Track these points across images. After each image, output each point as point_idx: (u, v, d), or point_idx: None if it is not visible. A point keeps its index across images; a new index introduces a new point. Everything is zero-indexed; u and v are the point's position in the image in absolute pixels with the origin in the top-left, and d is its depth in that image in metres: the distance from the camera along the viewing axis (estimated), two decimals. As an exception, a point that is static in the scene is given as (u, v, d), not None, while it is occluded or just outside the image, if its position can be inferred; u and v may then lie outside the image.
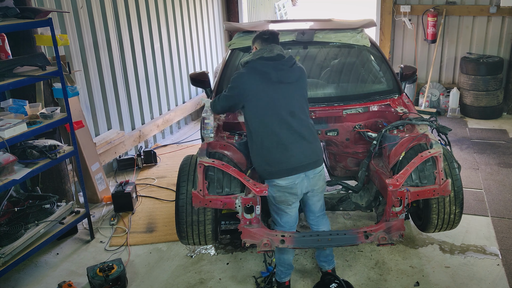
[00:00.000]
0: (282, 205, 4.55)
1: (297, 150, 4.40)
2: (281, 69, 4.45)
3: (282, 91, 4.45)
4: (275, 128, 4.40)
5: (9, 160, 4.79)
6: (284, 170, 4.39)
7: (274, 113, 4.41)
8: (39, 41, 5.54)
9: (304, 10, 25.93)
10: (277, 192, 4.48)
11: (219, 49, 11.81)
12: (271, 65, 4.45)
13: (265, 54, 4.50)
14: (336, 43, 5.97)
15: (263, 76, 4.43)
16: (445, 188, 4.62)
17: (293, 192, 4.46)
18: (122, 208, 6.57)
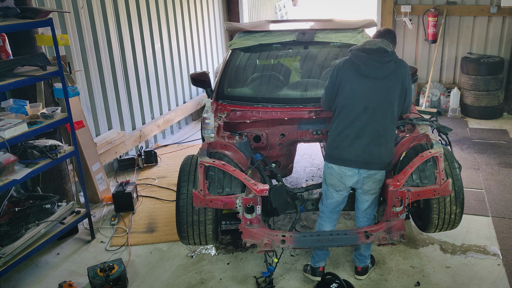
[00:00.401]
0: (330, 187, 4.71)
1: (355, 145, 4.49)
2: (371, 64, 4.46)
3: (364, 85, 4.47)
4: (346, 118, 4.51)
5: (10, 160, 4.80)
6: (337, 158, 4.55)
7: (350, 104, 4.50)
8: (39, 41, 5.54)
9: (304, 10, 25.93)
10: (329, 174, 4.65)
11: (219, 49, 11.82)
12: (363, 58, 4.48)
13: (366, 46, 4.55)
14: (337, 43, 5.97)
15: (354, 67, 4.50)
16: (446, 188, 4.62)
17: (342, 181, 4.60)
18: (123, 208, 6.57)
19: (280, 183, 5.16)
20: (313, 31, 5.96)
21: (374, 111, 4.46)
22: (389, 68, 4.47)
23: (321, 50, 6.14)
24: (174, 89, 9.77)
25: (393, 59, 4.51)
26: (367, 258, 5.06)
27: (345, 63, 4.57)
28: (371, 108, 4.45)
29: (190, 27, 10.27)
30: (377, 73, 4.44)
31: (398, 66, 4.52)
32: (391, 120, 4.54)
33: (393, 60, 4.51)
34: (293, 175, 7.35)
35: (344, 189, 4.67)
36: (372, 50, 4.50)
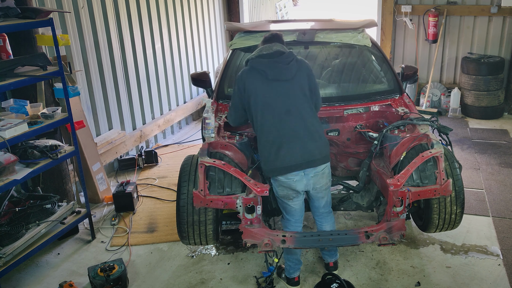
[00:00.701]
0: (284, 199, 4.64)
1: (291, 149, 4.41)
2: (276, 66, 4.45)
3: (278, 89, 4.45)
4: (270, 127, 4.45)
5: (10, 160, 4.80)
6: (279, 168, 4.44)
7: (270, 111, 4.44)
8: (40, 41, 5.55)
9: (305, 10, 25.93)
10: (279, 186, 4.57)
11: (220, 49, 11.82)
12: (267, 63, 4.47)
13: (263, 51, 4.53)
14: (337, 43, 5.97)
15: (260, 74, 4.47)
16: (446, 188, 4.61)
17: (293, 188, 4.52)
18: (123, 208, 6.57)
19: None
20: (313, 31, 5.96)
21: (297, 111, 4.45)
22: (294, 67, 4.51)
23: (322, 50, 6.14)
24: (174, 89, 9.77)
25: (293, 58, 4.53)
26: (337, 252, 5.10)
27: (249, 74, 4.54)
28: (293, 109, 4.44)
29: (190, 27, 10.27)
30: (285, 75, 4.46)
31: (300, 64, 4.57)
32: (313, 115, 4.57)
33: (294, 59, 4.53)
34: (293, 175, 7.35)
35: (297, 195, 4.61)
36: (271, 54, 4.50)
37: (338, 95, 5.81)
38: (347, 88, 5.92)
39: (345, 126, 5.63)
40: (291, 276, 4.97)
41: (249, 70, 4.54)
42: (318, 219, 4.95)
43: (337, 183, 5.68)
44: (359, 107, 5.67)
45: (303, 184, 4.51)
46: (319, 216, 4.92)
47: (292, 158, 4.40)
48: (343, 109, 5.61)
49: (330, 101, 5.65)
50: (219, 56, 11.75)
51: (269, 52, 4.51)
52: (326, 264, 5.15)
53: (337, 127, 5.63)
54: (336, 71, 6.04)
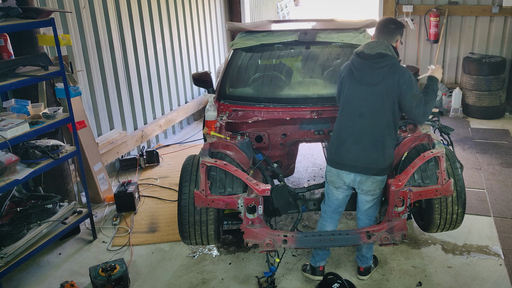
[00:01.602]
0: (331, 185, 4.75)
1: (349, 150, 4.52)
2: (364, 70, 4.45)
3: (360, 91, 4.49)
4: (341, 123, 4.61)
5: (12, 160, 4.80)
6: (334, 161, 4.63)
7: (347, 109, 4.56)
8: (41, 41, 5.55)
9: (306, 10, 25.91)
10: (328, 171, 4.72)
11: (221, 49, 11.82)
12: (358, 64, 4.49)
13: (365, 50, 4.50)
14: (339, 43, 5.97)
15: (351, 73, 4.54)
16: (448, 188, 4.61)
17: (340, 177, 4.63)
18: (125, 208, 6.57)
19: (282, 183, 5.16)
20: (315, 31, 5.96)
21: (369, 117, 4.45)
22: (381, 74, 4.38)
23: (323, 50, 6.14)
24: (176, 89, 9.77)
25: (387, 65, 4.37)
26: (369, 259, 5.07)
27: (345, 68, 4.66)
28: (366, 114, 4.46)
29: (191, 27, 10.27)
30: (368, 79, 4.43)
31: (392, 72, 4.36)
32: (387, 126, 4.47)
33: (388, 65, 4.37)
34: (295, 175, 7.35)
35: (343, 186, 4.67)
36: (369, 56, 4.43)
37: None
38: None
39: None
40: (317, 265, 5.02)
41: (347, 65, 4.65)
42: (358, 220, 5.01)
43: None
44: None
45: (351, 180, 4.60)
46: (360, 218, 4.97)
47: (347, 158, 4.53)
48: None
49: (331, 101, 5.65)
50: (221, 56, 11.75)
51: (369, 53, 4.45)
52: (358, 268, 5.17)
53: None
54: (337, 71, 6.04)
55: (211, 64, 11.27)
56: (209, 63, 11.20)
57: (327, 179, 4.78)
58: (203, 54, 10.84)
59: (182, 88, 10.04)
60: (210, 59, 11.25)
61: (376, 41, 4.54)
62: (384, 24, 4.63)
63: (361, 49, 4.54)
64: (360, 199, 4.81)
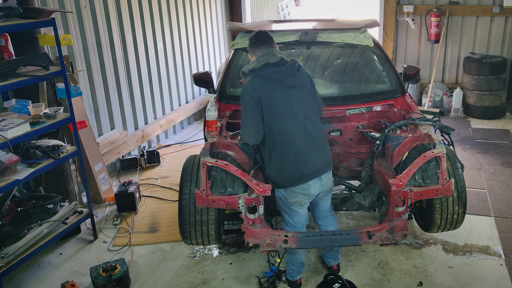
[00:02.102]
0: (294, 206, 4.59)
1: (314, 155, 4.43)
2: (291, 74, 4.41)
3: (295, 96, 4.41)
4: (293, 134, 4.37)
5: (12, 160, 4.80)
6: (302, 176, 4.40)
7: (292, 118, 4.37)
8: (42, 41, 5.55)
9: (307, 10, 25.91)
10: (290, 193, 4.50)
11: (222, 49, 11.82)
12: (280, 71, 4.39)
13: (270, 60, 4.40)
14: (339, 43, 5.97)
15: (275, 82, 4.36)
16: (448, 188, 4.61)
17: (307, 193, 4.48)
18: (125, 208, 6.57)
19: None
20: (315, 31, 5.96)
21: (311, 116, 4.46)
22: (303, 73, 4.52)
23: (324, 50, 6.14)
24: (176, 89, 9.78)
25: (299, 65, 4.52)
26: (338, 253, 5.13)
27: (262, 84, 4.37)
28: (309, 114, 4.45)
29: (192, 27, 10.27)
30: (300, 81, 4.45)
31: (304, 71, 4.58)
32: (320, 119, 4.64)
33: (299, 66, 4.52)
34: (295, 175, 7.35)
35: (308, 200, 4.58)
36: (278, 63, 4.41)
37: (340, 95, 5.81)
38: (349, 88, 5.92)
39: (347, 126, 5.63)
40: (294, 279, 4.97)
41: (260, 80, 4.39)
42: (323, 223, 4.94)
43: (339, 183, 5.66)
44: (361, 107, 5.67)
45: (317, 188, 4.51)
46: (324, 219, 4.92)
47: (315, 164, 4.43)
48: (345, 109, 5.61)
49: (332, 101, 5.65)
50: (221, 56, 11.75)
51: (276, 60, 4.41)
52: (329, 267, 5.16)
53: (339, 127, 5.62)
54: (338, 71, 6.04)
55: (211, 64, 11.27)
56: (210, 63, 11.20)
57: (288, 202, 4.56)
58: (203, 54, 10.84)
59: (183, 88, 10.04)
60: (211, 59, 11.25)
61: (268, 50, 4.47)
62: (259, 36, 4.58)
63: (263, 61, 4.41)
64: (321, 203, 4.79)
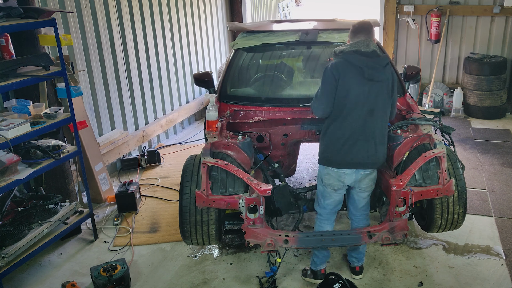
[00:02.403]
0: (328, 187, 4.69)
1: (362, 148, 4.50)
2: (374, 67, 4.42)
3: (369, 88, 4.43)
4: (352, 122, 4.47)
5: (13, 160, 4.80)
6: (341, 162, 4.54)
7: (356, 107, 4.44)
8: (42, 41, 5.55)
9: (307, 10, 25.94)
10: (326, 174, 4.64)
11: (222, 49, 11.82)
12: (365, 61, 4.42)
13: (362, 48, 4.45)
14: (340, 43, 5.96)
15: (357, 70, 4.41)
16: (449, 188, 4.61)
17: (341, 179, 4.59)
18: (126, 208, 6.57)
19: (283, 183, 5.17)
20: (316, 31, 5.96)
21: (378, 112, 4.49)
22: (388, 71, 4.51)
23: (324, 50, 6.14)
24: (177, 89, 9.78)
25: (388, 62, 4.53)
26: (363, 256, 5.11)
27: (345, 66, 4.45)
28: (376, 110, 4.47)
29: (193, 27, 10.27)
30: (378, 77, 4.43)
31: (391, 70, 4.57)
32: (387, 120, 4.65)
33: (389, 63, 4.54)
34: (296, 175, 7.34)
35: (342, 187, 4.68)
36: (369, 54, 4.45)
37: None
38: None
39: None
40: (318, 269, 5.00)
41: (345, 63, 4.46)
42: (355, 218, 4.99)
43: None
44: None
45: (352, 179, 4.59)
46: (357, 216, 4.96)
47: (361, 157, 4.50)
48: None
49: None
50: (222, 56, 11.75)
51: (367, 50, 4.44)
52: (352, 268, 5.16)
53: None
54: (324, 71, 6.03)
55: (212, 64, 11.27)
56: (210, 63, 11.20)
57: (323, 182, 4.72)
58: (204, 54, 10.84)
59: (183, 88, 10.04)
60: (211, 59, 11.25)
61: (365, 39, 4.50)
62: (361, 25, 4.61)
63: (356, 47, 4.47)
64: (357, 198, 4.82)
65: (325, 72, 4.54)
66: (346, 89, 4.43)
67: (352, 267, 5.14)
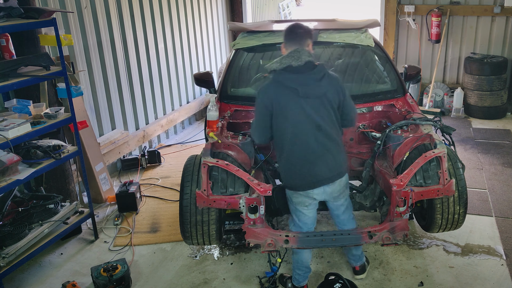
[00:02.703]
0: (299, 206, 4.58)
1: (322, 164, 4.36)
2: (307, 83, 4.25)
3: (309, 105, 4.26)
4: (302, 143, 4.32)
5: (13, 160, 4.80)
6: (306, 183, 4.40)
7: (302, 127, 4.29)
8: (43, 41, 5.55)
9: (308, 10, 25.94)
10: (294, 193, 4.53)
11: (223, 49, 11.82)
12: (296, 79, 4.24)
13: (293, 63, 4.25)
14: (340, 43, 5.97)
15: (290, 90, 4.24)
16: (449, 188, 4.60)
17: (310, 196, 4.48)
18: (126, 208, 6.58)
19: (284, 183, 5.17)
20: (316, 31, 5.95)
21: (325, 126, 4.32)
22: (324, 85, 4.29)
23: (325, 50, 6.14)
24: (177, 89, 9.78)
25: (325, 74, 4.31)
26: (361, 256, 5.08)
27: (276, 89, 4.29)
28: (323, 124, 4.30)
29: (193, 27, 10.27)
30: (315, 92, 4.26)
31: (331, 80, 4.34)
32: (336, 128, 4.45)
33: (325, 74, 4.31)
34: (296, 175, 7.34)
35: (312, 202, 4.56)
36: (300, 68, 4.24)
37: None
38: (350, 88, 5.86)
39: (348, 126, 5.63)
40: (300, 285, 4.91)
41: (276, 85, 4.30)
42: (340, 225, 4.92)
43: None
44: (362, 107, 5.67)
45: (321, 194, 4.48)
46: (340, 222, 4.90)
47: (322, 173, 4.38)
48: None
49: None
50: (222, 56, 11.75)
51: (299, 64, 4.23)
52: (353, 268, 5.15)
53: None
54: (339, 71, 6.02)
55: (212, 64, 11.27)
56: (211, 63, 11.20)
57: (293, 201, 4.59)
58: (204, 54, 10.85)
59: (184, 88, 10.04)
60: (212, 59, 11.25)
61: (295, 49, 4.31)
62: (292, 30, 4.46)
63: (286, 63, 4.28)
64: (334, 207, 4.76)
65: (257, 97, 4.41)
66: (283, 113, 4.28)
67: (353, 267, 5.14)
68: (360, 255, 5.05)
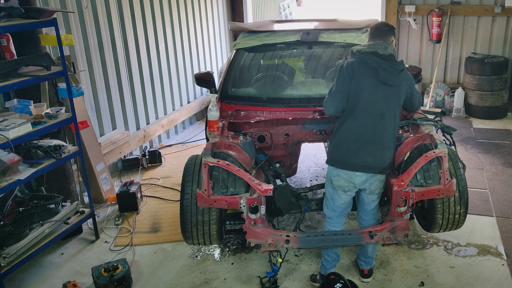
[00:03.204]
0: (338, 189, 4.66)
1: (369, 152, 4.45)
2: (389, 71, 4.40)
3: (381, 92, 4.42)
4: (361, 124, 4.46)
5: (14, 160, 4.80)
6: (350, 163, 4.50)
7: (367, 110, 4.43)
8: (44, 41, 5.55)
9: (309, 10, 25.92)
10: (336, 176, 4.59)
11: (224, 49, 11.82)
12: (381, 64, 4.40)
13: (379, 51, 4.43)
14: (341, 43, 5.96)
15: (371, 71, 4.40)
16: (450, 188, 4.61)
17: (352, 181, 4.55)
18: (127, 208, 6.58)
19: (285, 183, 5.16)
20: (317, 31, 5.96)
21: (389, 117, 4.46)
22: (402, 77, 4.47)
23: (325, 50, 6.13)
24: (178, 89, 9.78)
25: (404, 69, 4.51)
26: (373, 260, 5.07)
27: (360, 66, 4.45)
28: (387, 115, 4.44)
29: (194, 27, 10.27)
30: (392, 80, 4.41)
31: (407, 76, 4.54)
32: (396, 126, 4.62)
33: (404, 69, 4.52)
34: (297, 175, 7.34)
35: (352, 188, 4.63)
36: (386, 57, 4.43)
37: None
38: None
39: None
40: (327, 273, 4.89)
41: (360, 63, 4.46)
42: (364, 222, 4.95)
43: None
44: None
45: (363, 182, 4.55)
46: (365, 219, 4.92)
47: (368, 160, 4.45)
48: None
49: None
50: (223, 56, 11.75)
51: (384, 53, 4.43)
52: (361, 271, 5.14)
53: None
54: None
55: (213, 64, 11.27)
56: (211, 63, 11.20)
57: (333, 184, 4.67)
58: (205, 54, 10.85)
59: (185, 88, 10.04)
60: (213, 59, 11.26)
61: (383, 42, 4.49)
62: (379, 27, 4.64)
63: (373, 49, 4.46)
64: (366, 200, 4.79)
65: (340, 70, 4.55)
66: (358, 89, 4.43)
67: (361, 270, 5.13)
68: (372, 259, 5.05)
